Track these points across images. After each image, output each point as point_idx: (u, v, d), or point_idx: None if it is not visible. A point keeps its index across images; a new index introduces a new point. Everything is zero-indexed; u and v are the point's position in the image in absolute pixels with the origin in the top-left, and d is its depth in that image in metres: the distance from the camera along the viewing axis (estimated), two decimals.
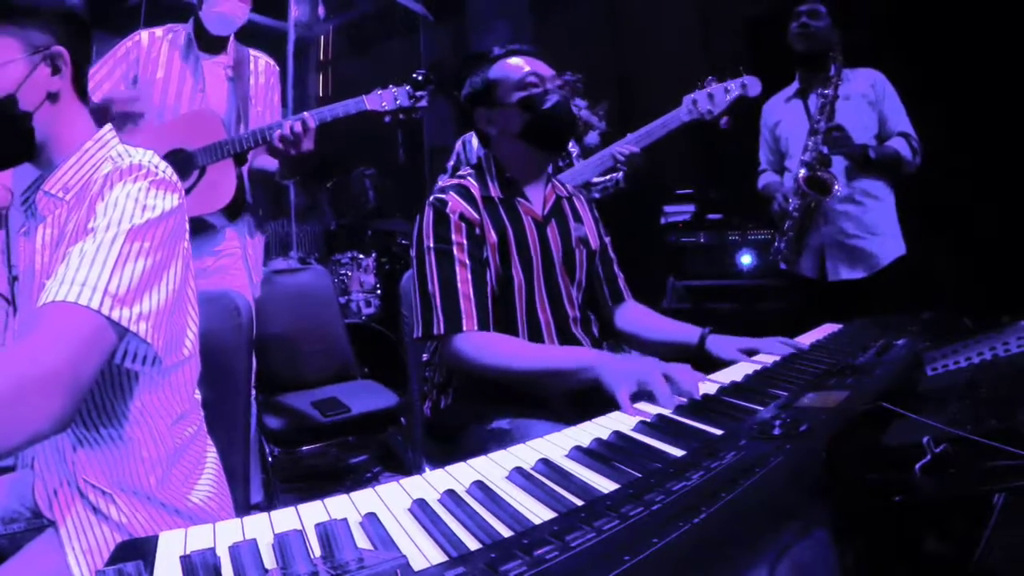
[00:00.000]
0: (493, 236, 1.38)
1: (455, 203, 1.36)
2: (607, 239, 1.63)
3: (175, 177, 1.00)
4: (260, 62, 2.15)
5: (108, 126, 1.04)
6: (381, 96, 1.91)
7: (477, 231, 1.36)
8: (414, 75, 1.91)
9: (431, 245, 1.34)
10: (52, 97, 0.96)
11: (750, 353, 1.30)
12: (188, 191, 1.87)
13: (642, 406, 0.97)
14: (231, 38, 2.08)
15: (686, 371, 1.04)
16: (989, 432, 0.60)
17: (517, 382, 1.28)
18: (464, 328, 1.29)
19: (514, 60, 1.44)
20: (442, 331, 1.30)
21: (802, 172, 2.18)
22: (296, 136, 1.82)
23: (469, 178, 1.44)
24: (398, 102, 1.90)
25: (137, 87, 1.98)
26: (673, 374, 1.02)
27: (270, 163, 2.07)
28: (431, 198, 1.39)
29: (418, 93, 1.90)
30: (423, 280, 1.34)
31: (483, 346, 1.29)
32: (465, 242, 1.34)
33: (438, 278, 1.32)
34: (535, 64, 1.44)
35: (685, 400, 0.97)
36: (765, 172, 2.55)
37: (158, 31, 2.02)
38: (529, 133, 1.42)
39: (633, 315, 1.59)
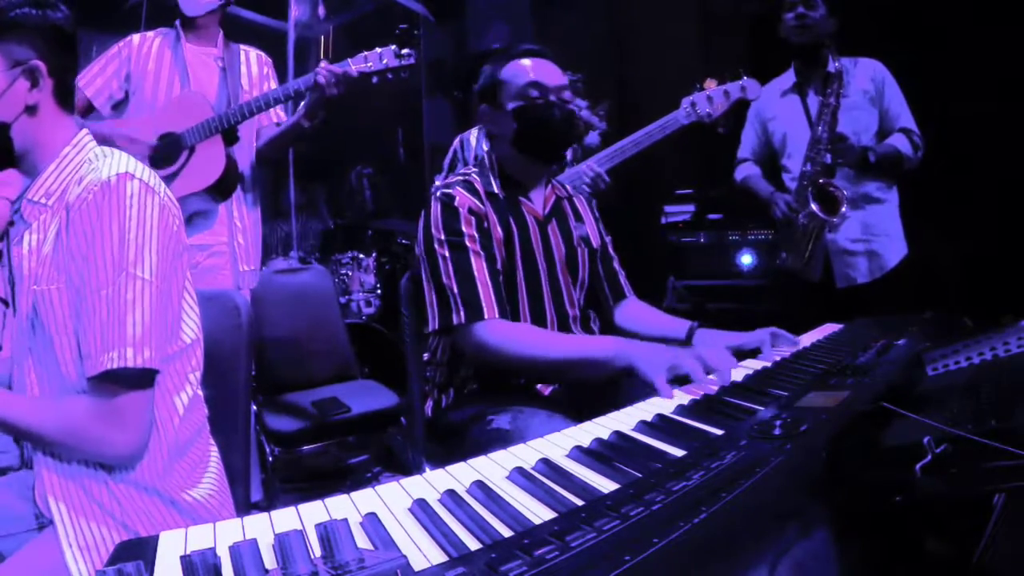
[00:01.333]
0: (499, 231, 1.38)
1: (462, 197, 1.36)
2: (608, 238, 1.64)
3: (153, 177, 1.02)
4: (251, 55, 2.16)
5: (85, 130, 1.06)
6: (366, 57, 1.86)
7: (485, 224, 1.36)
8: (397, 31, 1.87)
9: (443, 237, 1.33)
10: (30, 110, 1.00)
11: (737, 353, 1.24)
12: (177, 172, 1.89)
13: (677, 391, 1.01)
14: (220, 33, 2.09)
15: (717, 354, 1.07)
16: (989, 432, 0.60)
17: (544, 371, 1.29)
18: (485, 316, 1.28)
19: (524, 63, 1.43)
20: (463, 320, 1.29)
21: (813, 206, 2.13)
22: (339, 78, 1.84)
23: (473, 174, 1.44)
24: (384, 62, 1.85)
25: (130, 82, 2.01)
26: (704, 356, 1.05)
27: (279, 129, 2.09)
28: (437, 193, 1.39)
29: (404, 51, 1.85)
30: (436, 273, 1.33)
31: (508, 335, 1.28)
32: (476, 234, 1.34)
33: (454, 268, 1.31)
34: (543, 71, 1.42)
35: (718, 382, 1.01)
36: (746, 163, 2.48)
37: (150, 33, 2.05)
38: (520, 142, 1.42)
39: (631, 312, 1.60)
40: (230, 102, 2.04)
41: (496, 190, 1.43)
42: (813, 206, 2.14)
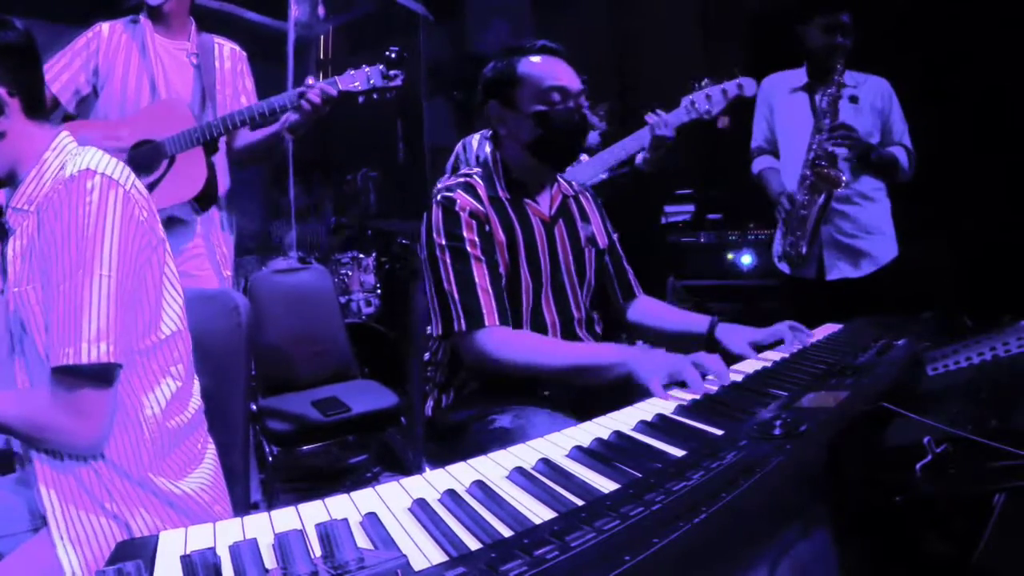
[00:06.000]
0: (501, 235, 1.37)
1: (463, 200, 1.34)
2: (615, 235, 1.62)
3: (119, 170, 1.02)
4: (225, 48, 2.09)
5: (65, 132, 1.06)
6: (353, 76, 1.87)
7: (487, 228, 1.35)
8: (387, 52, 1.86)
9: (444, 243, 1.32)
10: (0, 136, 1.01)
11: (758, 348, 1.32)
12: (157, 182, 1.85)
13: (676, 392, 1.03)
14: (192, 24, 2.04)
15: (714, 359, 1.09)
16: (989, 432, 0.60)
17: (545, 378, 1.29)
18: (486, 324, 1.28)
19: (545, 62, 1.37)
20: (463, 328, 1.28)
21: (808, 172, 2.19)
22: (327, 98, 1.85)
23: (475, 176, 1.42)
24: (372, 82, 1.86)
25: (98, 77, 1.95)
26: (702, 362, 1.08)
27: (259, 134, 2.05)
28: (438, 196, 1.37)
29: (391, 72, 1.86)
30: (438, 278, 1.32)
31: (507, 342, 1.28)
32: (477, 238, 1.33)
33: (454, 275, 1.31)
34: (565, 75, 1.37)
35: (715, 386, 1.03)
36: (762, 155, 2.51)
37: (119, 23, 1.98)
38: (537, 147, 1.38)
39: (645, 308, 1.60)
40: (205, 99, 1.99)
41: (501, 195, 1.40)
42: (813, 179, 2.18)
